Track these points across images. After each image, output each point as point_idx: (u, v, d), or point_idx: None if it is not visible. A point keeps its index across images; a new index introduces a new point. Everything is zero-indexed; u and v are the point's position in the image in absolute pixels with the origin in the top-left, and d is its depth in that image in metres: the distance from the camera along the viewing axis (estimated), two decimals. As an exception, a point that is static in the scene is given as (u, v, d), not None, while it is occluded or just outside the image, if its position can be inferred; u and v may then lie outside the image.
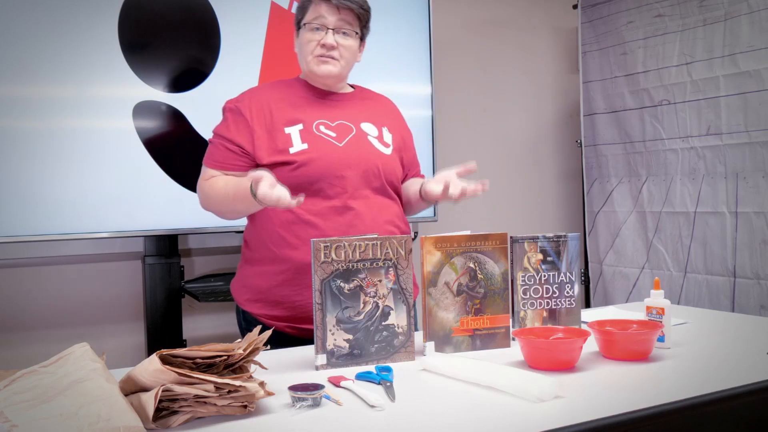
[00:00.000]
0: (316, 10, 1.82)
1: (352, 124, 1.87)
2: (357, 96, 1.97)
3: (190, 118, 2.79)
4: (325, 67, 1.84)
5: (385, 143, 1.90)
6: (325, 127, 1.84)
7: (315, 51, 1.83)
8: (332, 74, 1.86)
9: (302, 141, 1.79)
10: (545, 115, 4.00)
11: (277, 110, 1.83)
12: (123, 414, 1.03)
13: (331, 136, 1.83)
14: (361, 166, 1.81)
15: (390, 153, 1.89)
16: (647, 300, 1.62)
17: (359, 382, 1.33)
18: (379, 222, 1.80)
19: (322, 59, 1.83)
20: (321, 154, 1.78)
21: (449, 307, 1.57)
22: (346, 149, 1.81)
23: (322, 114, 1.86)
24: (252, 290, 1.83)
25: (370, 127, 1.90)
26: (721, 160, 3.08)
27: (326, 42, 1.81)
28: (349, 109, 1.91)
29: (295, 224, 1.76)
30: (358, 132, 1.87)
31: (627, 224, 3.54)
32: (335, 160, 1.79)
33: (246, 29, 2.88)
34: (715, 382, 1.29)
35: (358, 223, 1.77)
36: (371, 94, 2.03)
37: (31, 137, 2.55)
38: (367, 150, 1.85)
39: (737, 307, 3.01)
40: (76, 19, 2.60)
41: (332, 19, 1.81)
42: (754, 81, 2.93)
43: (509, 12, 3.88)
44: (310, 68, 1.86)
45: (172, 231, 2.80)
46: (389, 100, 2.06)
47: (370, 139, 1.88)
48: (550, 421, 1.09)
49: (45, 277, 2.80)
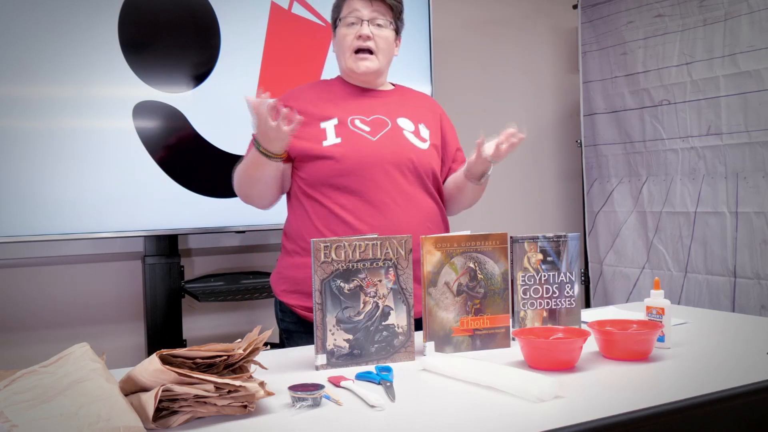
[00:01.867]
0: (350, 6, 1.85)
1: (387, 119, 1.88)
2: (396, 93, 1.98)
3: (190, 118, 2.79)
4: (363, 64, 1.86)
5: (421, 138, 1.89)
6: (360, 122, 1.85)
7: (352, 44, 1.85)
8: (371, 70, 1.88)
9: (336, 135, 1.81)
10: (545, 115, 4.00)
11: (315, 107, 1.86)
12: (123, 414, 1.03)
13: (364, 130, 1.84)
14: (394, 160, 1.82)
15: (426, 148, 1.89)
16: (647, 300, 1.62)
17: (359, 382, 1.33)
18: (415, 216, 1.81)
19: (360, 56, 1.85)
20: (353, 148, 1.80)
21: (449, 307, 1.57)
22: (378, 143, 1.83)
23: (359, 109, 1.88)
24: (289, 281, 1.85)
25: (406, 122, 1.90)
26: (721, 160, 3.08)
27: (362, 33, 1.84)
28: (386, 104, 1.92)
29: (330, 218, 1.79)
30: (393, 126, 1.87)
31: (627, 224, 3.54)
32: (367, 154, 1.80)
33: (246, 29, 2.88)
34: (715, 382, 1.29)
35: (391, 217, 1.78)
36: (412, 92, 2.03)
37: (31, 137, 2.55)
38: (401, 144, 1.85)
39: (737, 307, 3.01)
40: (76, 19, 2.60)
41: (366, 11, 1.84)
42: (754, 81, 2.93)
43: (509, 12, 3.88)
44: (348, 65, 1.87)
45: (172, 231, 2.80)
46: (430, 98, 2.07)
47: (406, 133, 1.88)
48: (550, 421, 1.09)
49: (45, 277, 2.80)
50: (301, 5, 2.97)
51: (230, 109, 2.82)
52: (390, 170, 1.81)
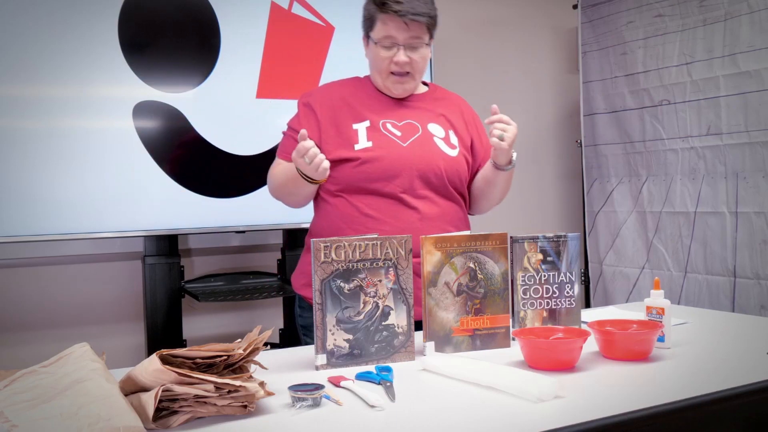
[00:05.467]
0: (385, 28, 1.78)
1: (419, 124, 1.88)
2: (429, 96, 1.96)
3: (190, 118, 2.79)
4: (400, 87, 1.86)
5: (451, 145, 1.89)
6: (392, 126, 1.85)
7: (389, 68, 1.82)
8: (407, 92, 1.88)
9: (368, 138, 1.81)
10: (545, 115, 4.00)
11: (348, 106, 1.86)
12: (123, 414, 1.03)
13: (396, 135, 1.84)
14: (423, 167, 1.81)
15: (455, 155, 1.88)
16: (647, 300, 1.62)
17: (359, 382, 1.33)
18: (438, 224, 1.81)
19: (397, 79, 1.84)
20: (384, 153, 1.80)
21: (449, 307, 1.57)
22: (409, 149, 1.82)
23: (391, 113, 1.87)
24: (307, 276, 1.84)
25: (436, 128, 1.89)
26: (721, 160, 3.08)
27: (399, 60, 1.80)
28: (418, 109, 1.91)
29: (355, 219, 1.79)
30: (424, 132, 1.87)
31: (627, 224, 3.54)
32: (398, 160, 1.80)
33: (246, 29, 2.88)
34: (715, 382, 1.29)
35: (417, 222, 1.78)
36: (444, 93, 2.01)
37: (31, 137, 2.55)
38: (430, 150, 1.85)
39: (737, 307, 3.01)
40: (76, 19, 2.60)
41: (402, 36, 1.78)
42: (754, 81, 2.93)
43: (509, 12, 3.88)
44: (385, 85, 1.86)
45: (172, 231, 2.80)
46: (461, 99, 2.04)
47: (436, 140, 1.87)
48: (550, 421, 1.09)
49: (45, 277, 2.80)
50: (301, 5, 2.97)
51: (230, 109, 2.83)
52: (417, 176, 1.81)
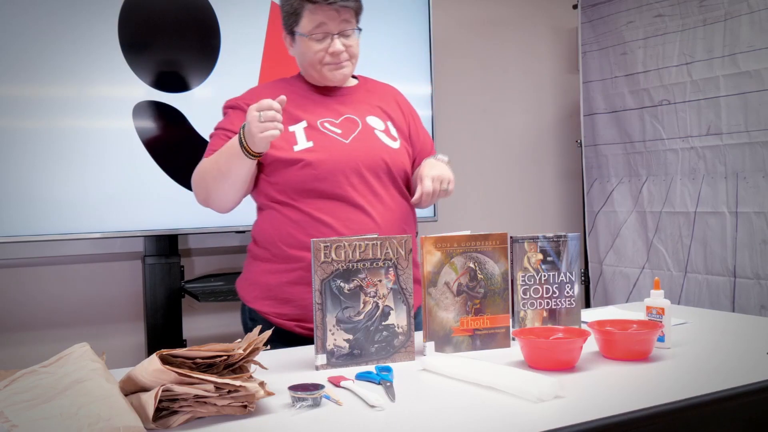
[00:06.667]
0: (313, 18, 1.74)
1: (358, 119, 1.84)
2: (361, 88, 1.93)
3: (190, 118, 2.79)
4: (339, 73, 1.81)
5: (392, 137, 1.86)
6: (330, 124, 1.81)
7: (324, 60, 1.78)
8: (346, 77, 1.85)
9: (307, 139, 1.76)
10: (545, 115, 4.00)
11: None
12: (123, 414, 1.03)
13: (336, 132, 1.79)
14: (369, 163, 1.78)
15: (397, 147, 1.86)
16: (647, 300, 1.62)
17: (359, 382, 1.33)
18: (390, 220, 1.78)
19: (335, 66, 1.79)
20: (327, 153, 1.75)
21: (449, 307, 1.57)
22: (352, 146, 1.78)
23: (327, 110, 1.83)
24: (260, 287, 1.80)
25: (376, 121, 1.86)
26: (721, 160, 3.08)
27: (335, 50, 1.76)
28: (354, 103, 1.87)
29: (306, 224, 1.73)
30: (364, 127, 1.83)
31: (627, 224, 3.54)
32: (342, 158, 1.76)
33: (246, 29, 2.88)
34: (715, 382, 1.29)
35: (368, 222, 1.74)
36: (375, 84, 1.98)
37: (31, 137, 2.55)
38: (374, 145, 1.81)
39: (737, 307, 3.01)
40: (76, 19, 2.60)
41: (334, 24, 1.75)
42: (754, 81, 2.93)
43: (509, 12, 3.88)
44: (323, 76, 1.81)
45: (172, 231, 2.80)
46: (393, 89, 2.00)
47: (377, 133, 1.84)
48: (550, 421, 1.09)
49: (45, 277, 2.80)
50: (301, 5, 2.97)
51: (230, 109, 2.83)
52: (364, 172, 1.77)
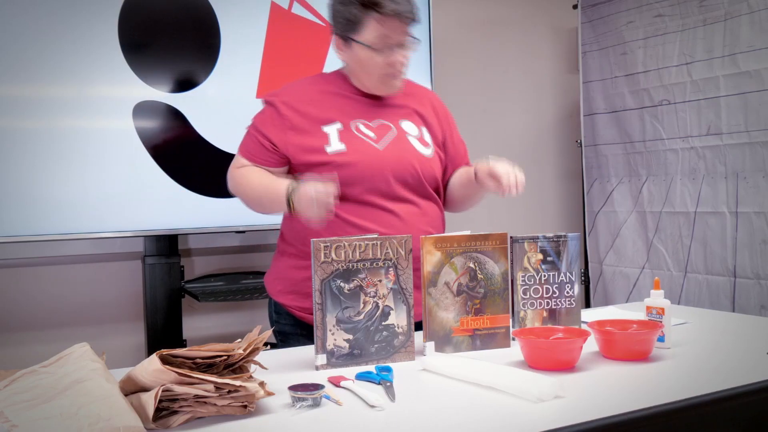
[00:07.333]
0: (379, 29, 1.70)
1: (391, 124, 1.82)
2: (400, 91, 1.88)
3: (190, 118, 2.79)
4: (394, 83, 1.80)
5: (424, 143, 1.85)
6: (364, 127, 1.79)
7: (384, 71, 1.76)
8: (400, 89, 1.83)
9: (340, 141, 1.75)
10: (545, 115, 4.00)
11: (315, 107, 1.79)
12: (123, 414, 1.03)
13: (369, 137, 1.78)
14: (400, 169, 1.77)
15: (430, 154, 1.84)
16: (647, 300, 1.62)
17: (359, 382, 1.33)
18: (418, 225, 1.77)
19: (393, 79, 1.78)
20: (360, 157, 1.74)
21: (449, 307, 1.57)
22: (385, 152, 1.77)
23: (362, 112, 1.81)
24: (285, 282, 1.83)
25: (410, 126, 1.85)
26: (721, 160, 3.08)
27: (399, 61, 1.75)
28: (390, 106, 1.85)
29: (334, 225, 1.71)
30: (398, 132, 1.82)
31: (627, 224, 3.54)
32: (374, 163, 1.75)
33: (246, 29, 2.88)
34: (715, 382, 1.29)
35: (397, 225, 1.74)
36: (413, 87, 1.94)
37: (31, 137, 2.55)
38: (406, 151, 1.80)
39: (737, 307, 3.01)
40: (76, 19, 2.60)
41: (398, 36, 1.73)
42: (754, 81, 2.93)
43: (509, 12, 3.88)
44: (377, 87, 1.80)
45: (172, 231, 2.80)
46: (431, 92, 1.99)
47: (410, 138, 1.83)
48: (550, 421, 1.09)
49: (45, 277, 2.80)
50: (301, 5, 2.97)
51: (230, 109, 2.82)
52: (396, 178, 1.77)
